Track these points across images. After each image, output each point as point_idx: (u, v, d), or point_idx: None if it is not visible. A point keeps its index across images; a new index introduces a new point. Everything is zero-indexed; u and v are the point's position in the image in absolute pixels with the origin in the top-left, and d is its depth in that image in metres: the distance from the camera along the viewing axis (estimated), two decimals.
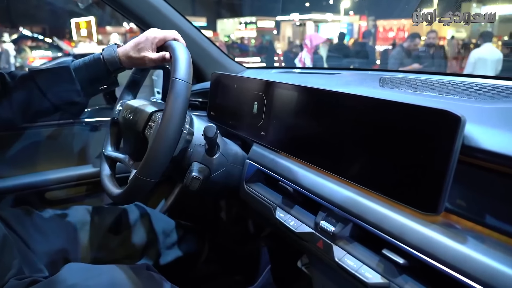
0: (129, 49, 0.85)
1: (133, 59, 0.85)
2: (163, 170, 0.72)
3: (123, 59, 0.85)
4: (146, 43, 0.84)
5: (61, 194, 1.19)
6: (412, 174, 0.53)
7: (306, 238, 0.67)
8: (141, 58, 0.84)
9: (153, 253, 1.07)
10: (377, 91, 0.75)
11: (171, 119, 0.70)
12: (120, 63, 0.85)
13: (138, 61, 0.85)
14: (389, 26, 13.15)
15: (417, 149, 0.52)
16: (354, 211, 0.60)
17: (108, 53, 0.85)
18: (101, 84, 0.88)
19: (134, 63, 0.86)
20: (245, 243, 1.51)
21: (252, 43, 15.54)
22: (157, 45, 0.86)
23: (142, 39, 0.84)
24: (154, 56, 0.85)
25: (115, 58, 0.84)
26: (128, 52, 0.85)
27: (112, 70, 0.85)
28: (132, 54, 0.84)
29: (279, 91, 0.83)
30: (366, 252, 0.58)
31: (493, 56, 4.25)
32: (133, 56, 0.84)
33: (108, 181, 0.87)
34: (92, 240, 0.97)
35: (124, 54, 0.85)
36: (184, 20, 1.20)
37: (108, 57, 0.84)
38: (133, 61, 0.85)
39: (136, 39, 0.85)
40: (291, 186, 0.73)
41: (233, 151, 0.91)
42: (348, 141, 0.63)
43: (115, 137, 0.99)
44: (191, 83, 0.74)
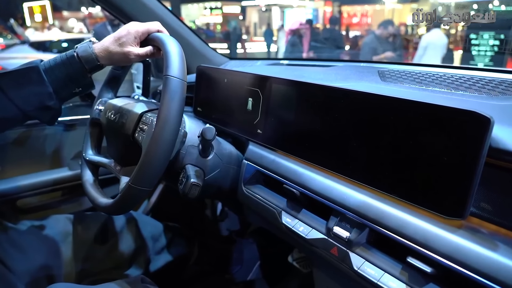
0: (108, 44, 0.76)
1: (113, 54, 0.76)
2: (159, 177, 0.66)
3: (101, 55, 0.76)
4: (129, 37, 0.76)
5: (35, 201, 1.09)
6: (435, 177, 0.51)
7: (318, 245, 0.63)
8: (124, 53, 0.76)
9: (142, 260, 1.01)
10: (381, 87, 0.72)
11: (167, 122, 0.63)
12: (98, 60, 0.76)
13: (120, 57, 0.77)
14: (353, 12, 13.33)
15: (441, 151, 0.50)
16: (371, 216, 0.57)
17: (83, 49, 0.76)
18: (76, 86, 0.78)
19: (114, 59, 0.77)
20: (233, 240, 1.48)
21: (218, 29, 15.27)
22: (141, 39, 0.78)
23: (123, 33, 0.76)
24: (140, 51, 0.77)
25: (91, 55, 0.75)
26: (107, 47, 0.76)
27: (89, 68, 0.76)
28: (113, 49, 0.76)
29: (278, 86, 0.78)
30: (387, 260, 0.55)
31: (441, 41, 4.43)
32: (114, 51, 0.76)
33: (93, 189, 0.80)
34: (76, 252, 0.89)
35: (102, 50, 0.76)
36: (163, 8, 1.12)
37: (83, 54, 0.75)
38: (114, 57, 0.77)
39: (116, 34, 0.77)
40: (297, 189, 0.69)
41: (227, 151, 0.86)
42: (361, 142, 0.60)
43: (96, 139, 0.91)
44: (186, 80, 0.67)
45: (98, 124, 0.89)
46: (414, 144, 0.53)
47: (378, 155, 0.57)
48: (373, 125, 0.58)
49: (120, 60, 0.78)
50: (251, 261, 1.40)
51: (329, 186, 0.65)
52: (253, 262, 1.40)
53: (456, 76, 0.74)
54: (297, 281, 1.36)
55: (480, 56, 2.43)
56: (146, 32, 0.78)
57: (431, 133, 0.51)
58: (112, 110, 0.79)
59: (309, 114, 0.71)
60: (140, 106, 0.76)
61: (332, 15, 12.92)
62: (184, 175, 0.75)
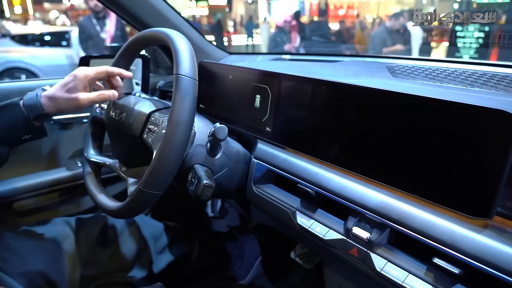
0: (54, 91, 0.73)
1: (60, 101, 0.73)
2: (171, 180, 0.64)
3: (47, 104, 0.73)
4: (76, 82, 0.73)
5: (32, 204, 1.04)
6: (461, 177, 0.50)
7: (337, 246, 0.62)
8: (72, 99, 0.73)
9: (145, 261, 0.99)
10: (395, 83, 0.71)
11: (179, 123, 0.61)
12: (43, 109, 0.73)
13: (68, 104, 0.73)
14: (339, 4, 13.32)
15: (467, 150, 0.49)
16: (393, 216, 0.56)
17: (29, 97, 0.73)
18: (22, 133, 0.75)
19: (62, 107, 0.74)
20: (233, 237, 1.46)
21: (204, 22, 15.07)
22: (90, 84, 0.76)
23: (69, 79, 0.74)
24: (90, 95, 0.74)
25: (36, 103, 0.72)
26: (53, 94, 0.73)
27: (33, 116, 0.73)
28: (59, 96, 0.73)
29: (288, 83, 0.76)
30: (410, 261, 0.55)
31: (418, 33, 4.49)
32: (60, 98, 0.73)
33: (97, 192, 0.77)
34: (78, 256, 0.86)
35: (48, 98, 0.73)
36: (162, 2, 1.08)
37: (29, 103, 0.72)
38: (61, 104, 0.73)
39: (63, 80, 0.74)
40: (312, 189, 0.67)
41: (235, 149, 0.84)
42: (381, 141, 0.59)
43: (98, 139, 0.87)
44: (197, 79, 0.65)
45: (99, 123, 0.85)
46: (438, 143, 0.52)
47: (399, 155, 0.56)
48: (394, 124, 0.57)
49: (68, 107, 0.74)
50: (252, 257, 1.39)
51: (347, 185, 0.64)
52: (254, 258, 1.39)
53: (468, 71, 0.73)
54: (299, 277, 1.36)
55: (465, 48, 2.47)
56: (95, 77, 0.76)
57: (456, 132, 0.50)
58: (117, 109, 0.76)
59: (322, 111, 0.69)
60: (147, 105, 0.73)
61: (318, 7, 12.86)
62: (194, 176, 0.72)
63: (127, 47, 0.81)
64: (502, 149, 0.46)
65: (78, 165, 1.11)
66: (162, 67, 1.31)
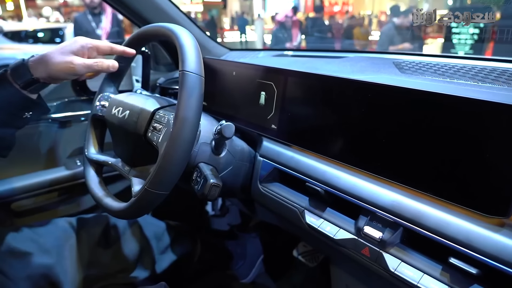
0: (46, 52, 0.66)
1: (51, 63, 0.64)
2: (177, 180, 0.62)
3: (35, 67, 0.64)
4: (74, 46, 0.67)
5: (30, 204, 1.02)
6: (477, 175, 0.49)
7: (348, 246, 0.61)
8: (65, 61, 0.65)
9: (148, 261, 0.97)
10: (404, 79, 0.70)
11: (185, 121, 0.59)
12: (31, 73, 0.64)
13: (60, 66, 0.65)
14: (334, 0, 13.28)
15: (484, 148, 0.48)
16: (406, 215, 0.55)
17: (15, 63, 0.65)
18: (19, 110, 0.66)
19: (52, 70, 0.65)
20: (235, 235, 1.45)
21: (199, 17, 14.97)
22: (89, 53, 0.70)
23: (67, 42, 0.68)
24: (87, 61, 0.68)
25: (22, 66, 0.64)
26: (44, 55, 0.65)
27: (21, 84, 0.64)
28: (52, 57, 0.64)
29: (294, 80, 0.75)
30: (425, 260, 0.54)
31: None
32: (53, 60, 0.64)
33: (100, 192, 0.75)
34: (80, 257, 0.85)
35: (37, 60, 0.65)
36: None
37: (15, 67, 0.64)
38: (52, 67, 0.65)
39: (61, 44, 0.68)
40: (321, 188, 0.66)
41: (240, 147, 0.82)
42: (394, 138, 0.58)
43: (99, 137, 0.85)
44: (203, 76, 0.63)
45: (100, 120, 0.83)
46: (453, 140, 0.51)
47: (412, 153, 0.55)
48: (405, 120, 0.56)
49: (60, 71, 0.65)
50: (254, 256, 1.38)
51: (357, 184, 0.62)
52: (256, 256, 1.38)
53: (477, 67, 0.72)
54: (301, 275, 1.35)
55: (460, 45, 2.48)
56: (96, 46, 0.71)
57: (472, 128, 0.49)
58: (119, 106, 0.74)
59: (330, 108, 0.68)
60: (151, 102, 0.71)
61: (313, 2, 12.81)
62: (200, 175, 0.71)
63: (128, 43, 0.79)
64: None
65: (78, 164, 1.09)
66: (162, 64, 1.29)
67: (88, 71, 0.69)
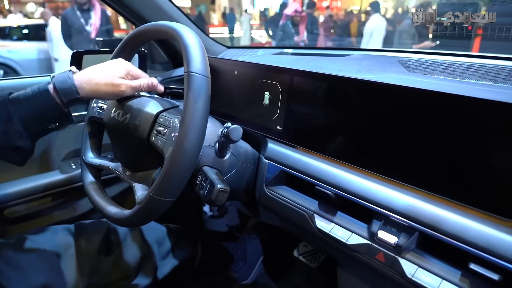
0: (93, 73, 0.67)
1: (99, 85, 0.67)
2: (184, 186, 0.60)
3: (83, 87, 0.66)
4: (121, 70, 0.69)
5: (24, 210, 0.98)
6: (498, 178, 0.48)
7: (361, 251, 0.60)
8: (113, 84, 0.67)
9: (150, 267, 0.95)
10: (414, 79, 0.68)
11: (193, 125, 0.57)
12: (78, 93, 0.65)
13: (107, 88, 0.67)
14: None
15: (503, 150, 0.47)
16: (423, 220, 0.54)
17: (61, 80, 0.65)
18: (51, 122, 0.68)
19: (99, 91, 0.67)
20: (234, 236, 1.43)
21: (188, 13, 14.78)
22: (131, 76, 0.71)
23: (114, 65, 0.69)
24: (133, 83, 0.70)
25: (71, 86, 0.65)
26: (92, 78, 0.67)
27: (66, 102, 0.65)
28: (100, 80, 0.67)
29: (300, 79, 0.73)
30: (443, 266, 0.52)
31: (383, 24, 4.66)
32: (100, 81, 0.67)
33: (100, 198, 0.72)
34: (80, 265, 0.81)
35: (85, 81, 0.66)
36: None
37: (61, 86, 0.64)
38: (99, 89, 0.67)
39: (101, 64, 0.69)
40: (332, 191, 0.64)
41: (243, 149, 0.80)
42: (407, 140, 0.56)
43: (97, 140, 0.82)
44: (210, 77, 0.60)
45: (98, 123, 0.80)
46: (472, 142, 0.50)
47: (428, 155, 0.54)
48: (421, 122, 0.55)
49: (107, 92, 0.68)
50: (255, 257, 1.36)
51: (369, 187, 0.61)
52: (256, 257, 1.37)
53: (485, 66, 0.71)
54: (302, 276, 1.34)
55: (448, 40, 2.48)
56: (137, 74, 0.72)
57: (492, 131, 0.48)
58: (119, 109, 0.71)
59: (339, 109, 0.66)
60: (153, 105, 0.68)
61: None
62: (205, 179, 0.68)
63: (127, 41, 0.76)
64: None
65: (73, 167, 1.05)
66: (158, 63, 1.25)
67: (135, 91, 0.71)
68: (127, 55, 0.78)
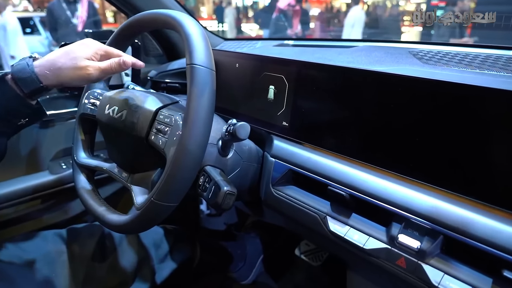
0: (55, 57, 0.59)
1: (63, 70, 0.59)
2: (187, 189, 0.55)
3: (45, 73, 0.58)
4: (86, 50, 0.60)
5: (11, 213, 0.92)
6: None
7: (380, 256, 0.56)
8: (80, 67, 0.59)
9: (147, 272, 0.90)
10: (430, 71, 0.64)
11: (197, 123, 0.52)
12: (40, 81, 0.58)
13: (73, 72, 0.59)
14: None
15: None
16: (448, 222, 0.50)
17: (19, 68, 0.58)
18: (19, 117, 0.61)
19: (64, 77, 0.59)
20: (233, 235, 1.39)
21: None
22: (101, 56, 0.63)
23: (77, 46, 0.61)
24: (102, 65, 0.61)
25: (31, 75, 0.57)
26: (54, 62, 0.59)
27: (28, 93, 0.58)
28: (63, 63, 0.59)
29: (308, 72, 0.68)
30: (472, 273, 0.48)
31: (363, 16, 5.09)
32: (63, 65, 0.59)
33: (95, 202, 0.67)
34: (73, 273, 0.76)
35: (47, 67, 0.58)
36: None
37: (20, 75, 0.57)
38: (64, 74, 0.59)
39: (65, 47, 0.61)
40: (346, 192, 0.60)
41: (247, 147, 0.75)
42: (430, 138, 0.52)
43: (89, 139, 0.76)
44: (214, 70, 0.55)
45: (90, 120, 0.74)
46: (502, 138, 0.46)
47: (456, 154, 0.50)
48: (443, 116, 0.51)
49: (73, 77, 0.59)
50: (254, 256, 1.32)
51: (387, 188, 0.57)
52: (256, 256, 1.33)
53: (504, 57, 0.68)
54: (303, 274, 1.30)
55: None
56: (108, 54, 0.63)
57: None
58: (114, 105, 0.65)
59: (352, 103, 0.62)
60: (152, 100, 0.63)
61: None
62: (208, 180, 0.63)
63: (120, 32, 0.70)
64: None
65: (63, 167, 0.99)
66: (152, 55, 1.19)
67: (104, 75, 0.62)
68: (119, 48, 0.72)
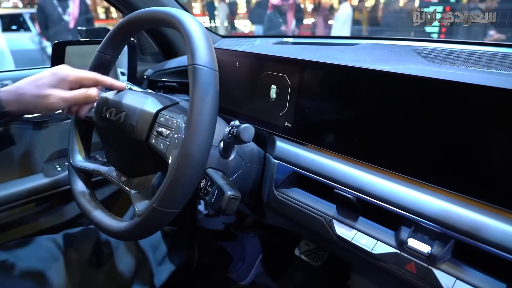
0: (20, 84, 0.59)
1: (25, 96, 0.58)
2: (191, 195, 0.53)
3: (7, 99, 0.58)
4: (52, 78, 0.60)
5: (5, 218, 0.89)
6: None
7: (389, 260, 0.54)
8: (42, 96, 0.58)
9: (145, 276, 0.88)
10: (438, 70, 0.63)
11: (201, 126, 0.49)
12: (2, 106, 0.58)
13: (35, 100, 0.59)
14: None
15: None
16: (459, 226, 0.48)
17: None
18: None
19: (26, 104, 0.59)
20: (231, 235, 1.37)
21: None
22: (70, 85, 0.62)
23: (44, 74, 0.60)
24: (66, 95, 0.60)
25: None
26: (18, 89, 0.59)
27: None
28: (26, 91, 0.58)
29: (312, 72, 0.66)
30: (484, 278, 0.47)
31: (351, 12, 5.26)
32: (28, 93, 0.58)
33: (93, 208, 0.64)
34: (69, 280, 0.74)
35: (12, 93, 0.58)
36: None
37: None
38: (26, 100, 0.59)
39: (35, 75, 0.60)
40: (352, 195, 0.59)
41: (248, 148, 0.73)
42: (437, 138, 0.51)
43: (85, 142, 0.74)
44: (217, 70, 0.53)
45: (86, 122, 0.72)
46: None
47: (468, 156, 0.48)
48: (457, 118, 0.49)
49: (35, 105, 0.59)
50: (253, 256, 1.31)
51: (396, 190, 0.55)
52: (255, 256, 1.31)
53: (510, 55, 0.66)
54: (302, 274, 1.29)
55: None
56: (79, 80, 0.62)
57: None
58: (112, 107, 0.63)
59: (357, 103, 0.60)
60: (151, 102, 0.60)
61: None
62: (210, 184, 0.61)
63: (117, 31, 0.68)
64: None
65: (58, 169, 0.96)
66: (148, 54, 1.16)
67: (67, 104, 0.62)
68: (116, 46, 0.69)
